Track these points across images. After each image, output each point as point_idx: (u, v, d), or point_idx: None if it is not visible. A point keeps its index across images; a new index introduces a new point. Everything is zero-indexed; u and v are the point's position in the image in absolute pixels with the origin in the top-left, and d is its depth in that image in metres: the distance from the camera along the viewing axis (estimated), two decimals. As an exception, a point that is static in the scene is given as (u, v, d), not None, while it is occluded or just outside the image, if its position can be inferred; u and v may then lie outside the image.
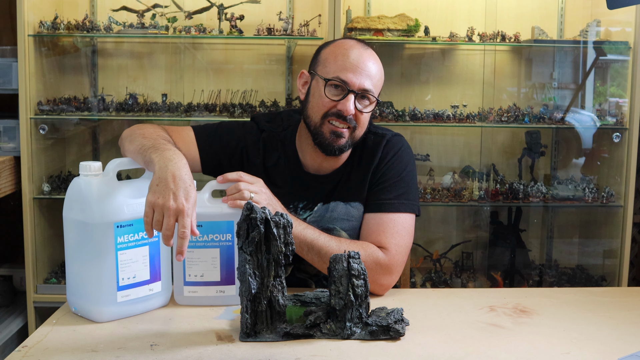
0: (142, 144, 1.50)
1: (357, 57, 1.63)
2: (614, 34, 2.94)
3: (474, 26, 2.90)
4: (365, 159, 1.73)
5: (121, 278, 1.41)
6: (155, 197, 1.32)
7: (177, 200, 1.32)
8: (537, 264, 3.15)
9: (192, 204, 1.34)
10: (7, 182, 2.66)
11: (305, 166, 1.74)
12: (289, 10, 3.03)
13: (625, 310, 1.54)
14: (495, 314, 1.50)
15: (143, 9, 2.86)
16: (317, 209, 1.73)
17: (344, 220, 1.71)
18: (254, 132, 1.76)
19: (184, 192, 1.33)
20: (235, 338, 1.33)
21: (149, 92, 2.99)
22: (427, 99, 3.12)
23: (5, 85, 2.72)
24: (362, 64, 1.62)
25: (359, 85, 1.61)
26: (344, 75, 1.61)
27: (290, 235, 1.34)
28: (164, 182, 1.34)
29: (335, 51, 1.66)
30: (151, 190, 1.34)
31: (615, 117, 2.90)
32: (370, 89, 1.63)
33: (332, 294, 1.35)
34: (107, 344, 1.30)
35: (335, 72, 1.62)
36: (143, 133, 1.57)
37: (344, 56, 1.63)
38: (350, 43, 1.67)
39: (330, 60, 1.65)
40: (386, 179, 1.70)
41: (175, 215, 1.31)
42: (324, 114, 1.63)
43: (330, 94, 1.62)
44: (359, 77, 1.61)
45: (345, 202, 1.72)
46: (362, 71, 1.62)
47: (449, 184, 2.98)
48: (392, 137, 1.76)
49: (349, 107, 1.61)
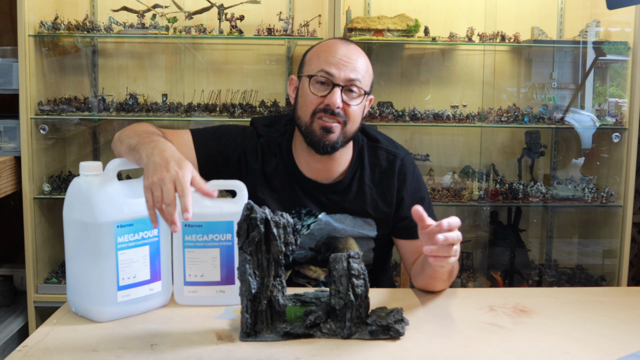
0: (129, 143, 1.48)
1: (341, 50, 1.62)
2: (613, 34, 2.94)
3: (474, 26, 2.90)
4: (380, 178, 1.72)
5: (121, 278, 1.41)
6: (150, 179, 1.29)
7: (170, 170, 1.28)
8: (536, 264, 3.16)
9: (188, 170, 1.29)
10: (7, 182, 2.67)
11: (303, 172, 1.72)
12: (289, 10, 3.03)
13: (625, 310, 1.55)
14: (495, 314, 1.50)
15: (143, 9, 2.87)
16: (321, 217, 1.71)
17: (353, 233, 1.71)
18: (252, 137, 1.74)
19: (175, 163, 1.30)
20: (235, 338, 1.33)
21: (149, 92, 2.99)
22: (427, 99, 3.12)
23: (6, 85, 2.72)
24: (345, 57, 1.61)
25: (344, 77, 1.60)
26: (327, 69, 1.60)
27: (290, 235, 1.34)
28: (153, 164, 1.31)
29: (318, 50, 1.66)
30: (145, 176, 1.31)
31: (615, 117, 2.91)
32: (357, 78, 1.61)
33: (332, 293, 1.35)
34: (107, 343, 1.30)
35: (319, 67, 1.61)
36: (129, 133, 1.54)
37: (327, 52, 1.63)
38: (333, 40, 1.68)
39: (314, 58, 1.64)
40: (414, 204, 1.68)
41: (171, 182, 1.26)
42: (313, 111, 1.62)
43: (316, 90, 1.61)
44: (344, 70, 1.60)
45: (354, 216, 1.72)
46: (346, 63, 1.60)
47: (449, 184, 2.99)
48: (405, 157, 1.76)
49: (336, 99, 1.58)
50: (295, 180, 1.71)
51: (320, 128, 1.61)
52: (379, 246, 1.79)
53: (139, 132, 1.52)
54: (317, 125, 1.62)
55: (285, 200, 1.68)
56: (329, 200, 1.71)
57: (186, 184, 1.27)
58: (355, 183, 1.72)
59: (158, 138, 1.44)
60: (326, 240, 1.72)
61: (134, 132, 1.53)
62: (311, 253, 1.74)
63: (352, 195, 1.71)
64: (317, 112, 1.61)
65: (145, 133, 1.51)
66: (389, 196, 1.72)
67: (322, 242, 1.72)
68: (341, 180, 1.72)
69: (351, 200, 1.71)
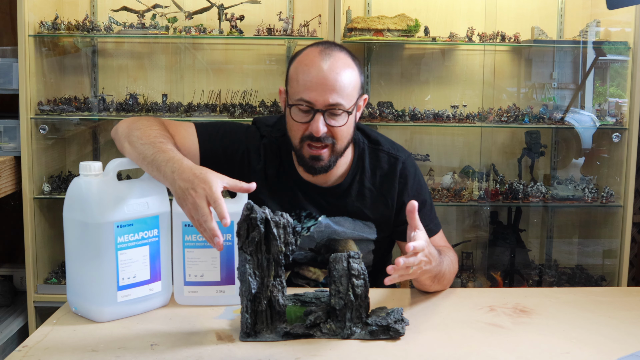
0: (143, 152, 1.46)
1: (318, 72, 1.53)
2: (613, 34, 2.94)
3: (474, 26, 2.90)
4: (381, 181, 1.71)
5: (121, 278, 1.41)
6: (183, 207, 1.33)
7: (197, 189, 1.30)
8: (536, 264, 3.16)
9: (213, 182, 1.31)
10: (7, 182, 2.67)
11: (302, 175, 1.70)
12: (289, 10, 3.03)
13: (625, 310, 1.55)
14: (495, 314, 1.50)
15: (143, 9, 2.87)
16: (321, 219, 1.70)
17: (353, 235, 1.70)
18: (256, 137, 1.72)
19: (198, 180, 1.32)
20: (235, 338, 1.33)
21: (149, 92, 2.99)
22: (427, 99, 3.12)
23: (6, 85, 2.72)
24: (323, 79, 1.52)
25: (324, 102, 1.52)
26: (307, 96, 1.52)
27: (290, 235, 1.34)
28: (180, 191, 1.33)
29: (298, 68, 1.57)
30: (179, 204, 1.35)
31: (615, 117, 2.91)
32: (339, 102, 1.53)
33: (332, 293, 1.35)
34: (107, 343, 1.30)
35: (298, 94, 1.54)
36: (140, 135, 1.51)
37: (305, 73, 1.54)
38: (312, 55, 1.57)
39: (294, 79, 1.57)
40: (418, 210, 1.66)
41: (203, 200, 1.29)
42: (300, 137, 1.58)
43: (299, 118, 1.56)
44: (323, 94, 1.52)
45: (354, 219, 1.70)
46: (325, 87, 1.52)
47: (449, 184, 2.99)
48: (406, 159, 1.74)
49: (318, 127, 1.53)
50: (295, 183, 1.70)
51: (309, 156, 1.59)
52: (379, 248, 1.78)
53: (152, 140, 1.49)
54: (307, 152, 1.59)
55: (285, 203, 1.68)
56: (329, 203, 1.70)
57: (216, 194, 1.30)
58: (355, 186, 1.70)
59: (172, 152, 1.44)
60: (326, 242, 1.71)
61: (146, 137, 1.50)
62: (311, 254, 1.74)
63: (352, 198, 1.70)
64: (304, 139, 1.58)
65: (158, 141, 1.49)
66: (389, 199, 1.71)
67: (322, 244, 1.72)
68: (341, 183, 1.70)
69: (351, 203, 1.70)
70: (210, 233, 1.28)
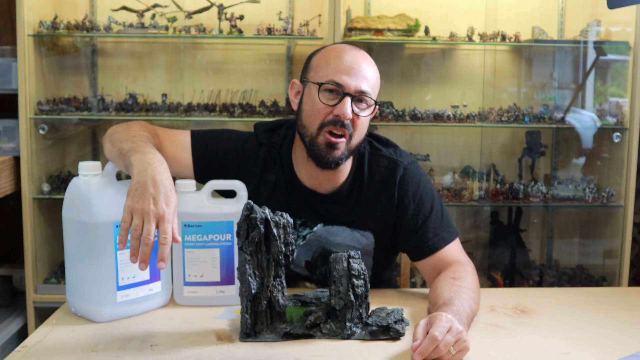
0: (120, 148, 1.43)
1: (351, 58, 1.53)
2: (614, 33, 2.94)
3: (474, 26, 2.89)
4: (379, 187, 1.63)
5: (121, 278, 1.40)
6: (134, 202, 1.27)
7: (158, 205, 1.27)
8: (537, 264, 3.15)
9: (173, 210, 1.28)
10: (6, 182, 2.66)
11: (302, 181, 1.64)
12: (289, 10, 3.03)
13: (626, 310, 1.54)
14: (495, 314, 1.49)
15: (143, 8, 2.86)
16: (317, 228, 1.64)
17: (349, 247, 1.63)
18: (254, 144, 1.67)
19: (164, 197, 1.28)
20: (235, 338, 1.33)
21: (149, 92, 2.99)
22: (427, 99, 3.12)
23: (5, 85, 2.72)
24: (356, 65, 1.52)
25: (355, 87, 1.51)
26: (338, 78, 1.50)
27: (290, 235, 1.34)
28: (143, 187, 1.29)
29: (327, 55, 1.56)
30: (130, 195, 1.29)
31: (616, 117, 2.90)
32: (368, 90, 1.52)
33: (332, 294, 1.34)
34: (107, 344, 1.30)
35: (328, 76, 1.51)
36: (120, 137, 1.48)
37: (337, 59, 1.53)
38: (342, 46, 1.58)
39: (323, 64, 1.54)
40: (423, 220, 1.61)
41: (155, 219, 1.25)
42: (321, 123, 1.52)
43: (325, 99, 1.51)
44: (355, 79, 1.51)
45: (352, 229, 1.64)
46: (357, 72, 1.52)
47: (449, 184, 2.98)
48: (409, 165, 1.65)
49: (346, 110, 1.49)
50: (293, 190, 1.64)
51: (325, 143, 1.53)
52: (378, 260, 1.69)
53: (132, 137, 1.46)
54: (323, 140, 1.53)
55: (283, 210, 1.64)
56: (326, 211, 1.63)
57: (169, 230, 1.26)
58: (354, 193, 1.63)
59: (155, 153, 1.40)
60: (322, 252, 1.65)
61: (126, 136, 1.48)
62: (306, 272, 1.68)
63: (349, 207, 1.63)
64: (324, 125, 1.53)
65: (140, 140, 1.46)
66: (387, 207, 1.62)
67: (318, 253, 1.66)
68: (339, 190, 1.63)
69: (349, 212, 1.63)
70: (143, 257, 1.24)
